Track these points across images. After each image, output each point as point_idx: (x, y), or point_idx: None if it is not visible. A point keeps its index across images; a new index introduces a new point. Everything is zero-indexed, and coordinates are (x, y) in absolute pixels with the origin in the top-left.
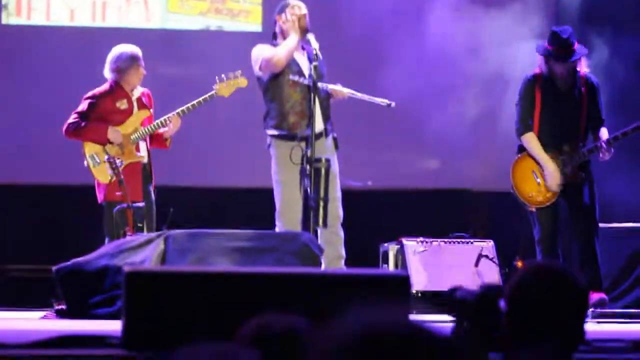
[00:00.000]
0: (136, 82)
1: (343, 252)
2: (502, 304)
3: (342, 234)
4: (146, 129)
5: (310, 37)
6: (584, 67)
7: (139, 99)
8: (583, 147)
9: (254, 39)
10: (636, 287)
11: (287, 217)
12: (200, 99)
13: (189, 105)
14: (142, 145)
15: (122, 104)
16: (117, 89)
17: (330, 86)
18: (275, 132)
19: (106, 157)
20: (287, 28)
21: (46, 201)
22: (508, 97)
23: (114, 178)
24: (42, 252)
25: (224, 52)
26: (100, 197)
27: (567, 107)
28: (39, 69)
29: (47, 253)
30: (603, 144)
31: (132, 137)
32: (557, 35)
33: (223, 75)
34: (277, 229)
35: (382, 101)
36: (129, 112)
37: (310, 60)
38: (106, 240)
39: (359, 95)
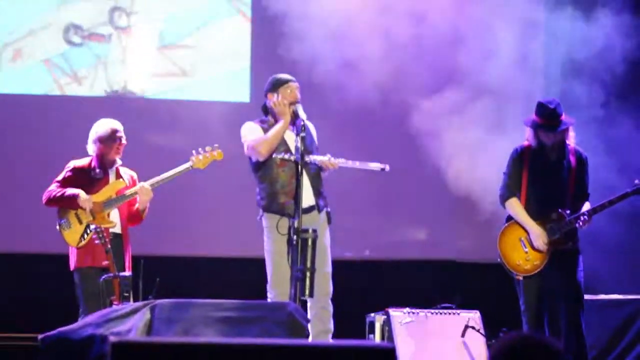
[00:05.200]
0: (116, 154)
1: (331, 327)
2: None
3: (331, 309)
4: (119, 198)
5: (299, 108)
6: (572, 140)
7: (117, 170)
8: (569, 216)
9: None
10: (623, 358)
11: (279, 288)
12: (176, 171)
13: (162, 177)
14: (114, 213)
15: (98, 174)
16: (96, 161)
17: (319, 159)
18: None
19: (94, 226)
20: (278, 112)
21: (25, 269)
22: (493, 170)
23: (84, 243)
24: (25, 321)
25: (213, 122)
26: (71, 264)
27: (556, 176)
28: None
29: (30, 321)
30: (585, 214)
31: (104, 205)
32: (545, 106)
33: (200, 149)
34: (269, 300)
35: (376, 166)
36: (105, 182)
37: (298, 133)
38: (80, 305)
39: (350, 163)
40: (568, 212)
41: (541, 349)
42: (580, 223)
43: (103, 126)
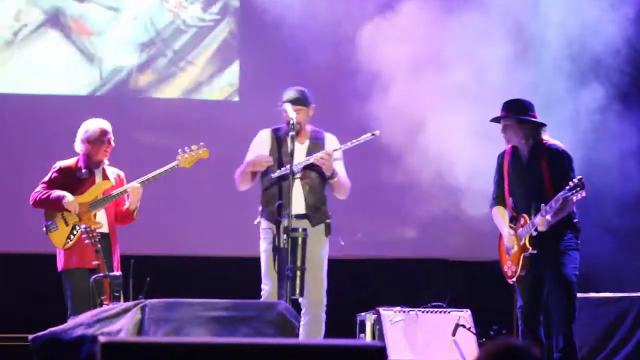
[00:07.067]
0: (103, 155)
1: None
2: None
3: (324, 318)
4: (105, 198)
5: (287, 106)
6: (538, 137)
7: (103, 170)
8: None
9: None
10: (614, 356)
11: (268, 286)
12: (162, 170)
13: (149, 175)
14: (101, 214)
15: (84, 174)
16: (83, 160)
17: (313, 158)
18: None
19: (83, 226)
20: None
21: (14, 269)
22: (484, 170)
23: (70, 244)
24: (15, 321)
25: (202, 121)
26: (59, 265)
27: (528, 178)
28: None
29: (20, 322)
30: (537, 215)
31: (90, 206)
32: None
33: (186, 147)
34: (263, 291)
35: (367, 137)
36: (91, 182)
37: (287, 133)
38: (68, 306)
39: (345, 146)
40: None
41: (520, 358)
42: (537, 226)
43: (92, 126)
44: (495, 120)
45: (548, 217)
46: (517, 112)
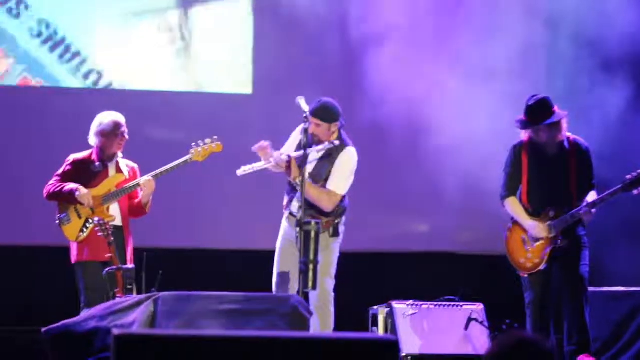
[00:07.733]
0: (117, 148)
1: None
2: None
3: (331, 314)
4: (118, 192)
5: (301, 100)
6: (564, 130)
7: (117, 164)
8: (567, 213)
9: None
10: (627, 350)
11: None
12: (175, 163)
13: (162, 169)
14: (114, 207)
15: (98, 167)
16: (96, 153)
17: (272, 163)
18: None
19: (97, 219)
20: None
21: (28, 262)
22: (496, 162)
23: (83, 237)
24: (28, 314)
25: (215, 114)
26: (72, 258)
27: (554, 172)
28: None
29: (33, 314)
30: (583, 208)
31: (103, 199)
32: (527, 105)
33: (200, 141)
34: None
35: (326, 144)
36: (104, 175)
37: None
38: (81, 299)
39: (299, 153)
40: (566, 209)
41: (532, 350)
42: (583, 217)
43: (106, 119)
44: (533, 122)
45: (594, 210)
46: (544, 117)
